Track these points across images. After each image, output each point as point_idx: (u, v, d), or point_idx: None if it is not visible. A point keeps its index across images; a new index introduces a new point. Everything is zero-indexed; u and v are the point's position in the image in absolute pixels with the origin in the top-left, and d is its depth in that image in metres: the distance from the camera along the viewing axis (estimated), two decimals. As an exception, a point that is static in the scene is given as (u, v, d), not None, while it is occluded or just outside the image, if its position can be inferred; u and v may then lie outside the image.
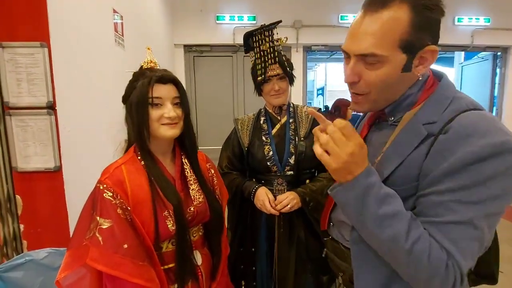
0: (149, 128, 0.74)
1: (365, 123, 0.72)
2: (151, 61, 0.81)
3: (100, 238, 0.64)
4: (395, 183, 0.57)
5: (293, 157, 1.15)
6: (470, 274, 0.62)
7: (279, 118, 1.23)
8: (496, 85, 4.25)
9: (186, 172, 0.83)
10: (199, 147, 3.38)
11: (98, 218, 0.65)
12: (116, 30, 1.83)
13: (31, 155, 1.25)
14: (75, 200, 1.23)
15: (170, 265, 0.76)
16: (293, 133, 1.19)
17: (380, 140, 0.64)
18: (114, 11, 1.82)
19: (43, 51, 1.18)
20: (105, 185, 0.68)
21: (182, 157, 0.84)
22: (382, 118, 0.67)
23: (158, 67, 0.82)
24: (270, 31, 1.11)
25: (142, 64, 0.80)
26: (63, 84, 1.26)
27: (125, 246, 0.64)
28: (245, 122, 1.26)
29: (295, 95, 3.78)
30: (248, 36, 1.16)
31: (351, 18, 3.72)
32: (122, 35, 1.92)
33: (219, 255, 0.87)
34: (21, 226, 1.27)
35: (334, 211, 0.75)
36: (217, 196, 0.89)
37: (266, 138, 1.20)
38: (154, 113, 0.74)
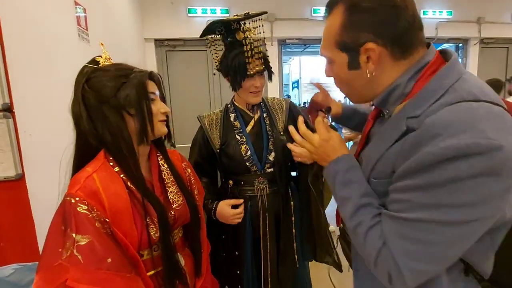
0: (154, 125, 0.71)
1: (369, 117, 0.72)
2: (109, 58, 0.75)
3: (79, 257, 0.59)
4: (376, 176, 0.58)
5: (273, 153, 1.11)
6: (482, 281, 0.56)
7: (251, 114, 1.16)
8: (459, 75, 4.53)
9: (163, 175, 0.79)
10: (176, 145, 3.27)
11: (74, 235, 0.60)
12: (79, 24, 1.70)
13: (-13, 163, 1.13)
14: (43, 210, 1.13)
15: (152, 272, 0.74)
16: (269, 128, 1.13)
17: (378, 132, 0.65)
18: (76, 3, 1.68)
19: (-6, 47, 1.06)
20: (77, 198, 0.62)
21: (159, 158, 0.80)
22: (381, 112, 0.67)
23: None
24: (249, 22, 1.06)
25: (99, 60, 0.73)
26: (21, 84, 1.14)
27: (109, 260, 0.60)
28: (213, 120, 1.16)
29: (272, 89, 3.77)
30: (227, 23, 1.05)
31: (324, 11, 3.76)
32: (86, 29, 1.79)
33: (200, 253, 0.85)
34: (-19, 242, 1.16)
35: None
36: (195, 196, 0.87)
37: (241, 137, 1.12)
38: (153, 108, 0.72)
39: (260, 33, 1.08)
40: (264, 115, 1.16)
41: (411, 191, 0.48)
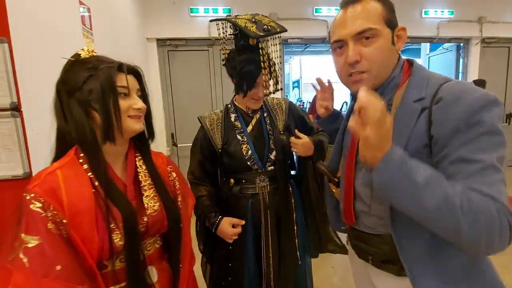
0: (121, 120, 0.64)
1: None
2: (93, 51, 0.70)
3: (25, 260, 0.52)
4: (410, 154, 0.59)
5: (274, 152, 1.13)
6: None
7: (251, 115, 1.18)
8: (460, 74, 4.53)
9: (140, 177, 0.72)
10: (178, 145, 3.29)
11: (22, 235, 0.54)
12: (83, 23, 1.70)
13: (-5, 162, 1.14)
14: (50, 208, 1.14)
15: (122, 284, 0.66)
16: (270, 127, 1.15)
17: None
18: (81, 3, 1.69)
19: (3, 46, 1.06)
20: (32, 194, 0.56)
21: (137, 159, 0.74)
22: None
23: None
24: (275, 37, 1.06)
25: (81, 53, 0.68)
26: (29, 83, 1.15)
27: (58, 267, 0.54)
28: (214, 120, 1.17)
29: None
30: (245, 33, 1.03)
31: (325, 11, 3.76)
32: (91, 29, 1.80)
33: (179, 267, 0.76)
34: (-12, 240, 1.16)
35: (358, 203, 0.77)
36: (178, 203, 0.79)
37: (242, 137, 1.13)
38: (122, 103, 0.65)
39: (275, 45, 1.09)
40: (265, 115, 1.18)
41: (470, 143, 0.56)
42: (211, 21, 1.14)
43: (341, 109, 2.38)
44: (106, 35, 2.06)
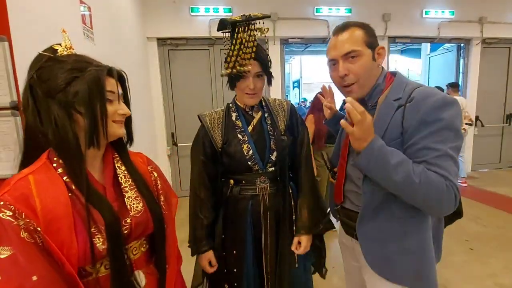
0: (107, 126, 0.63)
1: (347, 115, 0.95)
2: (71, 47, 0.67)
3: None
4: (387, 142, 0.81)
5: (275, 153, 1.11)
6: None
7: (253, 114, 1.15)
8: (460, 74, 4.53)
9: (120, 178, 0.70)
10: (178, 144, 3.28)
11: None
12: (84, 23, 1.70)
13: (-6, 161, 1.14)
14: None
15: None
16: (271, 128, 1.13)
17: None
18: (81, 2, 1.69)
19: (3, 45, 1.06)
20: (1, 203, 0.53)
21: (115, 160, 0.72)
22: (364, 106, 0.89)
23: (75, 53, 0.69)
24: (254, 22, 1.02)
25: (57, 48, 0.65)
26: (28, 82, 1.15)
27: (34, 278, 0.51)
28: (215, 119, 1.14)
29: (274, 89, 3.78)
30: (228, 24, 1.03)
31: (326, 11, 3.76)
32: (91, 28, 1.79)
33: (165, 268, 0.74)
34: (-12, 239, 1.16)
35: (345, 184, 0.98)
36: (161, 203, 0.77)
37: (243, 136, 1.10)
38: (109, 108, 0.64)
39: (251, 30, 1.02)
40: (266, 115, 1.16)
41: (432, 135, 0.76)
42: (218, 30, 1.10)
43: (341, 106, 2.47)
44: (106, 34, 2.05)
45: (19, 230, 0.52)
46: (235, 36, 1.00)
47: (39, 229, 0.54)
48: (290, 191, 1.16)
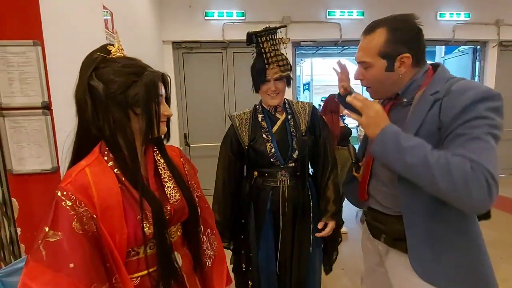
0: (159, 126, 0.70)
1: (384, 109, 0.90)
2: (122, 49, 0.72)
3: (43, 253, 0.55)
4: (422, 137, 0.77)
5: (296, 151, 1.22)
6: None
7: (278, 116, 1.28)
8: (476, 77, 4.44)
9: (160, 170, 0.77)
10: (191, 145, 3.36)
11: (46, 229, 0.56)
12: (106, 27, 1.79)
13: (26, 157, 1.22)
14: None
15: (150, 270, 0.71)
16: (293, 129, 1.25)
17: (398, 117, 0.86)
18: (104, 8, 1.78)
19: (36, 49, 1.14)
20: (65, 192, 0.59)
21: (154, 154, 0.79)
22: (398, 102, 0.89)
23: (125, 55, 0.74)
24: (273, 32, 1.16)
25: (110, 49, 0.69)
26: (58, 83, 1.23)
27: (71, 265, 0.56)
28: (243, 119, 1.28)
29: (286, 91, 3.81)
30: (251, 35, 1.18)
31: (338, 14, 3.77)
32: (113, 32, 1.88)
33: (199, 249, 0.83)
34: (18, 230, 1.24)
35: (370, 184, 0.95)
36: (193, 191, 0.85)
37: (267, 136, 1.23)
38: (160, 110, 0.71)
39: (273, 40, 1.19)
40: (289, 117, 1.27)
41: (466, 123, 0.70)
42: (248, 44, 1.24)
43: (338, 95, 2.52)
44: (125, 38, 2.14)
45: (72, 220, 0.58)
46: (261, 46, 1.16)
47: (95, 216, 0.60)
48: (309, 188, 1.28)
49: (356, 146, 1.09)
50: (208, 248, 0.86)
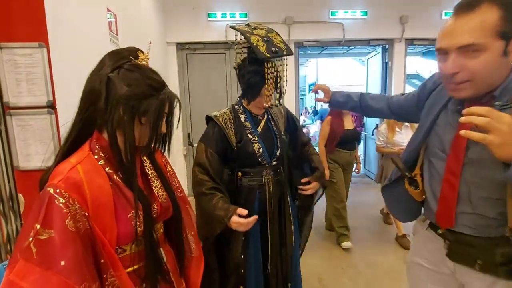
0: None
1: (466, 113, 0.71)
2: (149, 59, 0.74)
3: (34, 251, 0.54)
4: None
5: (279, 150, 1.30)
6: None
7: (259, 117, 1.31)
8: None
9: (147, 170, 0.79)
10: (194, 145, 3.42)
11: (37, 226, 0.55)
12: (110, 29, 1.84)
13: (32, 154, 1.28)
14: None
15: (135, 267, 0.72)
16: (275, 128, 1.32)
17: None
18: (108, 10, 1.83)
19: (42, 51, 1.20)
20: (58, 190, 0.58)
21: (141, 154, 0.79)
22: (487, 103, 0.70)
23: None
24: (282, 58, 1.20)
25: (140, 55, 0.71)
26: (62, 84, 1.28)
27: (62, 263, 0.55)
28: (227, 119, 1.26)
29: (287, 92, 3.83)
30: (263, 59, 1.15)
31: (341, 14, 3.78)
32: (116, 34, 1.94)
33: (183, 249, 0.85)
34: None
35: (459, 205, 0.77)
36: (176, 191, 0.87)
37: (253, 136, 1.25)
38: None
39: (282, 65, 1.23)
40: (270, 117, 1.34)
41: None
42: (231, 27, 1.27)
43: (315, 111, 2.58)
44: (130, 40, 2.20)
45: (66, 218, 0.57)
46: (266, 66, 1.14)
47: (87, 214, 0.61)
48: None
49: (364, 151, 1.09)
50: (187, 249, 0.88)
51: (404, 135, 2.48)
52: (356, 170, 2.84)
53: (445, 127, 0.81)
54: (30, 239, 0.55)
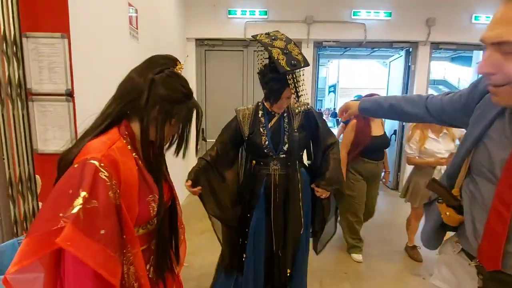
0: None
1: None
2: (183, 69, 0.83)
3: (82, 217, 0.58)
4: None
5: (287, 145, 1.44)
6: None
7: (274, 114, 1.47)
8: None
9: None
10: (207, 140, 3.48)
11: (86, 195, 0.59)
12: (131, 23, 1.91)
13: (49, 139, 1.36)
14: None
15: (144, 247, 0.78)
16: (286, 125, 1.46)
17: None
18: (130, 5, 1.90)
19: (64, 41, 1.27)
20: (102, 164, 0.63)
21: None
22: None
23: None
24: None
25: (178, 65, 0.80)
26: (81, 74, 1.35)
27: (102, 231, 0.60)
28: (246, 114, 1.50)
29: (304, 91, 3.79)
30: (285, 72, 1.29)
31: (364, 14, 3.69)
32: (137, 28, 2.00)
33: (178, 235, 0.93)
34: (40, 204, 1.38)
35: (509, 243, 0.64)
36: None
37: (263, 130, 1.45)
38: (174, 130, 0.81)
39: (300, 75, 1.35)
40: (284, 115, 1.48)
41: None
42: (252, 36, 1.39)
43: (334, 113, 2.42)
44: (150, 35, 2.27)
45: (109, 189, 0.62)
46: (287, 78, 1.31)
47: (118, 191, 0.66)
48: (299, 175, 1.45)
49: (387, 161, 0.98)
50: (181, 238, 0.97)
51: (441, 144, 2.12)
52: (384, 180, 2.49)
53: (498, 141, 0.66)
54: (79, 206, 0.57)
